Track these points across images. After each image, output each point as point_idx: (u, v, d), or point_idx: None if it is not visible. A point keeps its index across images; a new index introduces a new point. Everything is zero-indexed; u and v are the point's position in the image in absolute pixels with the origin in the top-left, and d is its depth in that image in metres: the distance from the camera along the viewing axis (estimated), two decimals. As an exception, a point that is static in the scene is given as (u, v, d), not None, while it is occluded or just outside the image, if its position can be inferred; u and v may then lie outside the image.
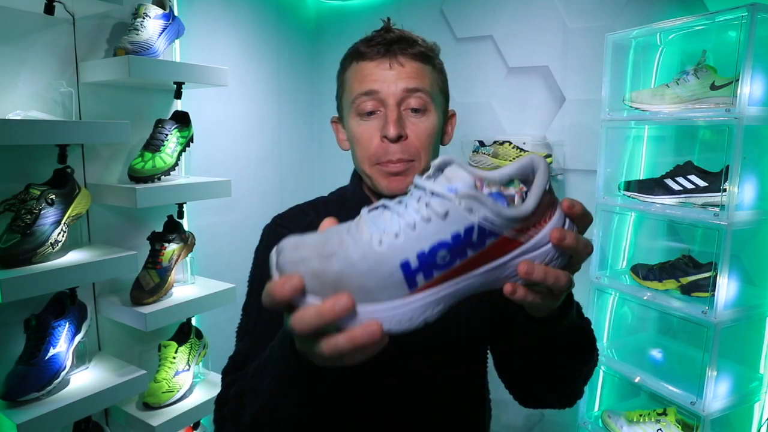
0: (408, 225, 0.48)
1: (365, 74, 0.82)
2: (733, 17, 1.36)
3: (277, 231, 0.90)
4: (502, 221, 0.48)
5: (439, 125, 0.86)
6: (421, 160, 0.83)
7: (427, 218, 0.48)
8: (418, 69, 0.83)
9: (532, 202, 0.49)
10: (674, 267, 1.59)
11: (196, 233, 1.77)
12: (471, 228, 0.48)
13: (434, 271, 0.48)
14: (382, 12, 2.30)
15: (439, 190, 0.48)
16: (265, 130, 2.22)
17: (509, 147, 1.95)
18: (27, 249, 1.25)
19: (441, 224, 0.47)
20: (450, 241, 0.47)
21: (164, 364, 1.62)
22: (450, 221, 0.47)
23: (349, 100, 0.84)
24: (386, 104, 0.81)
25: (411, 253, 0.47)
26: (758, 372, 1.58)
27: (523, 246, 0.50)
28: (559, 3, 1.91)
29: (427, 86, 0.83)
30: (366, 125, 0.83)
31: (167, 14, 1.57)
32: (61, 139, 1.31)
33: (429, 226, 0.47)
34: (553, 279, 0.50)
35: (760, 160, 1.50)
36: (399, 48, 0.82)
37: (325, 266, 0.47)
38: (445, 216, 0.47)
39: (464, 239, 0.48)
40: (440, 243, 0.47)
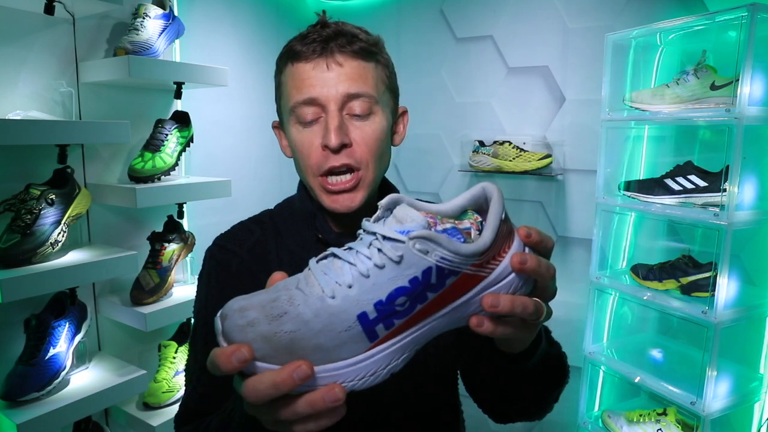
0: (361, 274, 0.45)
1: (302, 78, 0.75)
2: (733, 17, 1.36)
3: (220, 253, 0.84)
4: (461, 259, 0.45)
5: (388, 127, 0.79)
6: (368, 169, 0.76)
7: (381, 265, 0.44)
8: (358, 69, 0.75)
9: (489, 235, 0.46)
10: (674, 267, 1.59)
11: (196, 233, 1.77)
12: (429, 270, 0.44)
13: (395, 320, 0.45)
14: (382, 12, 2.31)
15: (391, 234, 0.45)
16: (265, 130, 2.21)
17: (509, 147, 1.95)
18: (27, 249, 1.25)
19: (396, 270, 0.44)
20: (408, 286, 0.44)
21: (164, 364, 1.62)
22: (405, 266, 0.44)
23: (287, 107, 0.77)
24: (326, 110, 0.74)
25: (368, 303, 0.44)
26: (758, 372, 1.58)
27: (485, 280, 0.47)
28: (559, 3, 1.91)
29: (370, 89, 0.75)
30: (307, 133, 0.76)
31: (167, 14, 1.57)
32: (61, 139, 1.31)
33: (384, 272, 0.44)
34: (521, 307, 0.47)
35: (760, 160, 1.50)
36: (336, 45, 0.74)
37: (275, 329, 0.43)
38: (399, 261, 0.44)
39: (423, 282, 0.45)
40: (398, 289, 0.44)
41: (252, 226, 0.87)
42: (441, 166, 2.22)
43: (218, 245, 0.85)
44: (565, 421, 1.92)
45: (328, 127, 0.73)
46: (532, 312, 0.48)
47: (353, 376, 0.45)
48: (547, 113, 1.98)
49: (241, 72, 2.07)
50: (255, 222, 0.88)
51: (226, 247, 0.84)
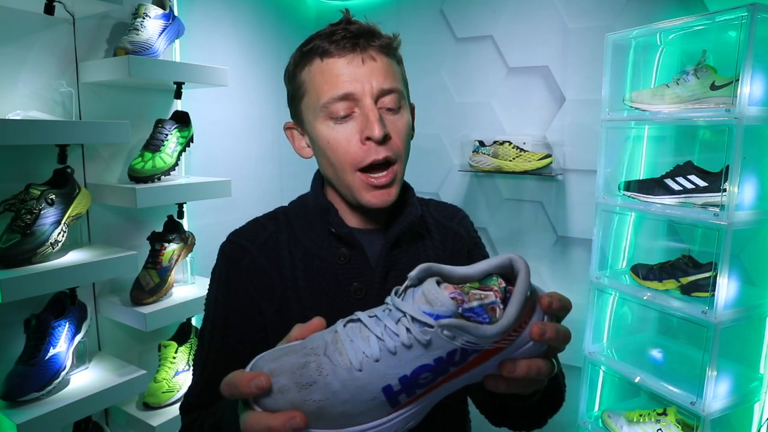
0: (388, 350, 0.47)
1: (336, 74, 0.74)
2: (733, 17, 1.36)
3: (231, 249, 0.85)
4: (484, 340, 0.47)
5: (411, 122, 0.83)
6: (401, 161, 0.79)
7: (408, 345, 0.47)
8: (388, 65, 0.77)
9: (513, 313, 0.48)
10: (674, 267, 1.59)
11: (196, 233, 1.77)
12: (454, 351, 0.47)
13: (416, 390, 0.48)
14: (382, 12, 2.31)
15: (421, 318, 0.47)
16: (265, 130, 2.22)
17: (509, 147, 1.95)
18: (27, 249, 1.25)
19: (423, 351, 0.47)
20: (432, 364, 0.47)
21: (164, 364, 1.62)
22: (433, 348, 0.47)
23: (317, 104, 0.76)
24: (362, 104, 0.75)
25: (393, 378, 0.47)
26: (758, 372, 1.58)
27: (504, 350, 0.50)
28: (559, 3, 1.91)
29: (399, 84, 0.78)
30: (341, 128, 0.76)
31: (167, 14, 1.57)
32: (61, 139, 1.31)
33: (410, 352, 0.47)
34: (536, 371, 0.50)
35: (760, 160, 1.50)
36: (366, 41, 0.75)
37: (304, 397, 0.46)
38: (427, 344, 0.47)
39: (447, 361, 0.47)
40: (422, 366, 0.47)
41: (266, 222, 0.88)
42: (441, 166, 2.22)
43: (230, 241, 0.86)
44: (565, 421, 1.92)
45: (370, 119, 0.74)
46: (544, 373, 0.51)
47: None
48: (547, 113, 1.98)
49: (241, 72, 2.07)
50: (269, 218, 0.89)
51: (239, 243, 0.84)
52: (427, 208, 0.93)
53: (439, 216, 0.93)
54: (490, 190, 2.15)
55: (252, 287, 0.81)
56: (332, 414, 0.47)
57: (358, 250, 0.80)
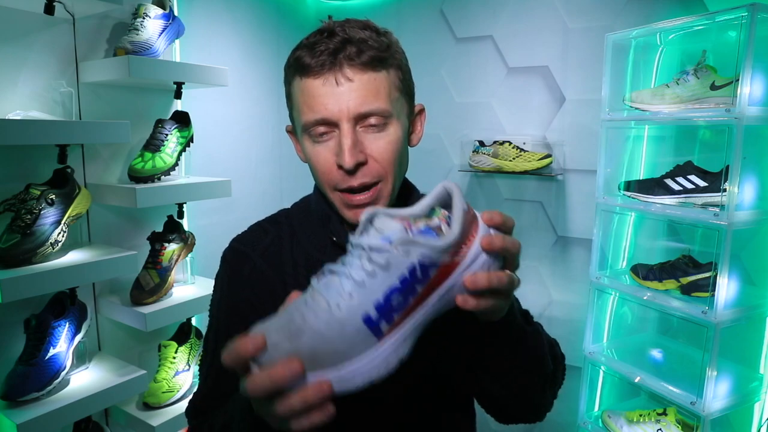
0: (357, 284, 0.52)
1: (313, 96, 0.72)
2: (733, 17, 1.36)
3: (233, 256, 0.84)
4: (437, 253, 0.53)
5: (404, 133, 0.77)
6: (387, 181, 0.75)
7: (371, 273, 0.52)
8: (369, 82, 0.71)
9: (457, 226, 0.54)
10: (674, 267, 1.59)
11: (196, 233, 1.77)
12: (413, 268, 0.52)
13: (394, 315, 0.52)
14: (382, 12, 2.31)
15: (376, 244, 0.52)
16: (265, 130, 2.22)
17: (509, 147, 1.95)
18: (27, 249, 1.25)
19: (386, 274, 0.52)
20: (399, 285, 0.52)
21: (164, 364, 1.62)
22: (393, 269, 0.52)
23: (299, 122, 0.75)
24: (340, 127, 0.71)
25: (369, 306, 0.51)
26: (758, 372, 1.58)
27: (461, 265, 0.54)
28: (559, 3, 1.91)
29: (382, 102, 0.72)
30: (320, 148, 0.74)
31: (167, 14, 1.57)
32: (61, 139, 1.31)
33: (376, 279, 0.52)
34: (497, 281, 0.54)
35: (760, 160, 1.50)
36: (345, 57, 0.70)
37: (297, 345, 0.50)
38: (387, 266, 0.52)
39: (410, 279, 0.52)
40: (391, 289, 0.52)
41: (267, 226, 0.87)
42: (441, 166, 2.22)
43: (232, 248, 0.85)
44: (565, 421, 1.92)
45: (342, 147, 0.71)
46: (506, 283, 0.55)
47: (370, 371, 0.52)
48: (547, 113, 1.98)
49: (241, 72, 2.07)
50: (271, 222, 0.88)
51: (240, 250, 0.84)
52: None
53: None
54: (490, 190, 2.15)
55: (253, 294, 0.80)
56: (325, 354, 0.50)
57: None
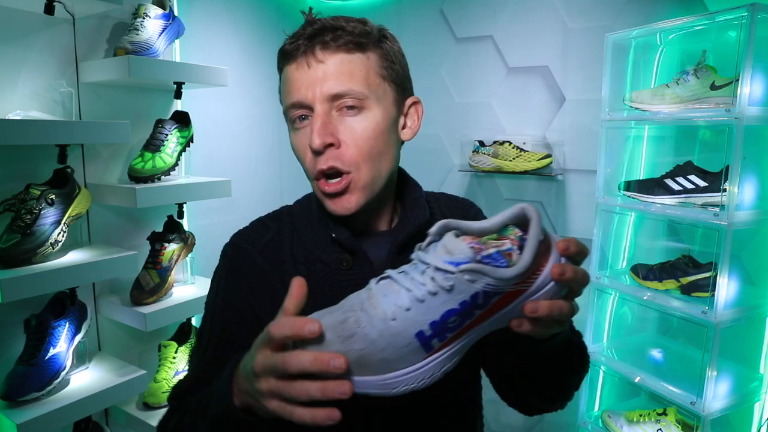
0: (417, 299, 0.52)
1: (290, 81, 0.73)
2: (733, 17, 1.36)
3: (233, 252, 0.84)
4: (503, 282, 0.51)
5: (387, 122, 0.75)
6: (359, 170, 0.73)
7: (434, 292, 0.51)
8: (342, 64, 0.71)
9: (529, 257, 0.52)
10: (674, 267, 1.59)
11: (196, 233, 1.77)
12: (476, 294, 0.51)
13: (447, 334, 0.53)
14: (382, 12, 2.31)
15: (443, 266, 0.52)
16: (265, 130, 2.22)
17: (509, 147, 1.95)
18: (27, 249, 1.25)
19: (448, 296, 0.51)
20: (458, 308, 0.52)
21: (164, 364, 1.62)
22: (456, 292, 0.51)
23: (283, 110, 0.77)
24: (314, 110, 0.71)
25: (424, 323, 0.52)
26: (758, 372, 1.58)
27: (525, 293, 0.53)
28: (559, 3, 1.91)
29: (357, 84, 0.71)
30: (298, 135, 0.75)
31: (167, 14, 1.57)
32: (61, 139, 1.31)
33: (436, 298, 0.51)
34: (558, 311, 0.53)
35: (760, 160, 1.50)
36: (319, 42, 0.71)
37: (347, 347, 0.51)
38: (450, 289, 0.51)
39: (471, 304, 0.52)
40: (449, 311, 0.51)
41: (269, 223, 0.86)
42: (441, 166, 2.22)
43: (232, 243, 0.85)
44: (565, 421, 1.92)
45: (313, 129, 0.71)
46: (566, 313, 0.54)
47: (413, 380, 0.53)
48: (547, 113, 1.98)
49: (241, 72, 2.07)
50: (273, 218, 0.88)
51: (239, 246, 0.84)
52: (438, 204, 0.90)
53: (450, 213, 0.90)
54: (490, 190, 2.15)
55: (250, 292, 0.80)
56: (372, 361, 0.51)
57: (361, 256, 0.78)
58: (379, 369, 0.52)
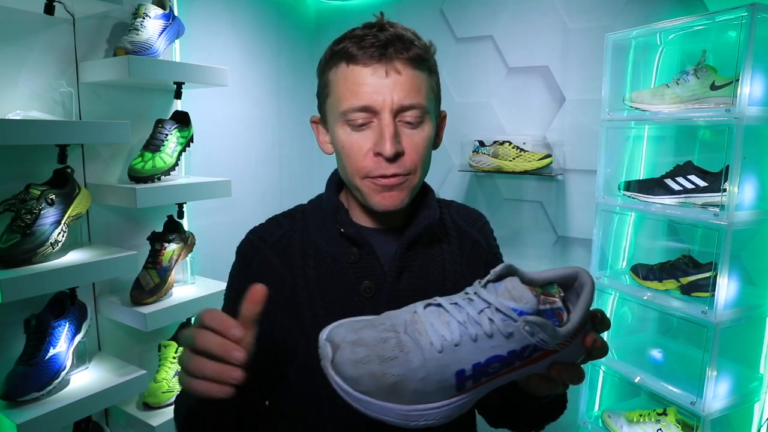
0: (470, 337, 0.51)
1: (358, 83, 0.74)
2: (733, 17, 1.36)
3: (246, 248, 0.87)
4: (552, 340, 0.52)
5: (433, 133, 0.81)
6: (416, 174, 0.78)
7: (490, 334, 0.50)
8: (414, 79, 0.75)
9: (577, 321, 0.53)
10: (674, 267, 1.59)
11: (196, 233, 1.77)
12: (528, 346, 0.51)
13: (483, 378, 0.52)
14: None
15: (506, 311, 0.51)
16: (265, 130, 2.22)
17: (509, 147, 1.95)
18: (27, 249, 1.25)
19: (503, 342, 0.51)
20: (506, 356, 0.51)
21: (164, 364, 1.62)
22: (511, 341, 0.51)
23: (337, 108, 0.77)
24: (380, 117, 0.74)
25: (468, 363, 0.51)
26: (758, 372, 1.58)
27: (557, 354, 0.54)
28: (559, 3, 1.91)
29: (422, 99, 0.76)
30: (356, 136, 0.76)
31: (167, 14, 1.57)
32: (61, 139, 1.31)
33: (490, 341, 0.51)
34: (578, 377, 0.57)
35: (760, 160, 1.50)
36: (395, 51, 0.73)
37: (385, 370, 0.50)
38: (508, 336, 0.50)
39: (518, 354, 0.52)
40: (496, 357, 0.51)
41: (282, 220, 0.89)
42: (441, 166, 2.22)
43: (247, 240, 0.89)
44: (565, 421, 1.91)
45: (384, 136, 0.73)
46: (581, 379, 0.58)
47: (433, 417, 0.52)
48: (547, 113, 1.98)
49: (241, 72, 2.07)
50: (286, 216, 0.91)
51: (252, 242, 0.87)
52: (448, 210, 0.93)
53: (459, 220, 0.92)
54: (490, 190, 2.15)
55: None
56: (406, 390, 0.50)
57: (368, 250, 0.81)
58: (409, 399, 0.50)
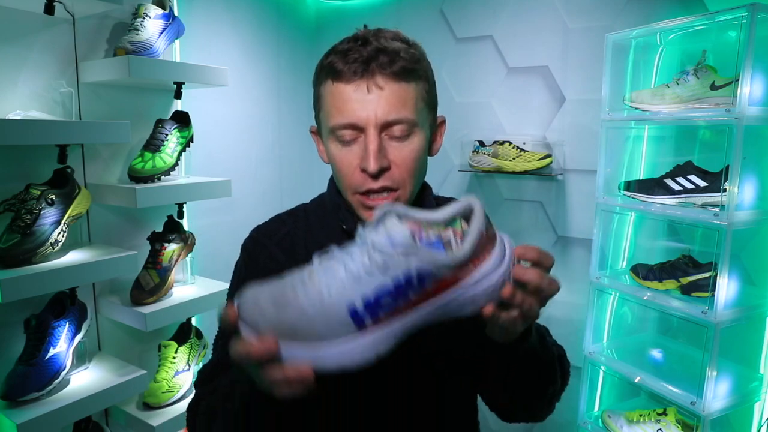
0: (353, 275, 0.53)
1: (343, 100, 0.74)
2: (733, 17, 1.36)
3: (252, 245, 0.88)
4: (438, 268, 0.53)
5: (425, 143, 0.80)
6: (405, 188, 0.78)
7: (368, 269, 0.53)
8: (399, 92, 0.74)
9: (468, 247, 0.54)
10: (674, 267, 1.59)
11: (196, 233, 1.77)
12: (409, 276, 0.53)
13: (380, 312, 0.54)
14: (382, 12, 2.31)
15: (380, 245, 0.54)
16: (265, 130, 2.22)
17: (509, 147, 1.95)
18: (27, 249, 1.25)
19: (382, 274, 0.53)
20: (392, 288, 0.53)
21: (164, 364, 1.62)
22: (390, 271, 0.53)
23: (327, 124, 0.78)
24: (366, 132, 0.74)
25: (357, 299, 0.53)
26: (758, 372, 1.58)
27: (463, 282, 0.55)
28: (559, 3, 1.91)
29: (409, 113, 0.75)
30: (345, 152, 0.77)
31: (167, 14, 1.57)
32: (61, 139, 1.31)
33: (371, 276, 0.53)
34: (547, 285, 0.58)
35: (760, 160, 1.50)
36: (378, 66, 0.73)
37: (281, 316, 0.53)
38: (384, 267, 0.53)
39: (404, 285, 0.53)
40: (383, 290, 0.53)
41: (286, 218, 0.91)
42: (441, 166, 2.22)
43: (252, 237, 0.90)
44: (565, 421, 1.92)
45: (368, 152, 0.74)
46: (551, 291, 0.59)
47: (342, 356, 0.54)
48: (547, 113, 1.98)
49: (241, 72, 2.07)
50: (290, 214, 0.93)
51: (258, 240, 0.89)
52: None
53: None
54: (490, 190, 2.15)
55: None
56: (304, 332, 0.53)
57: None
58: (310, 341, 0.53)
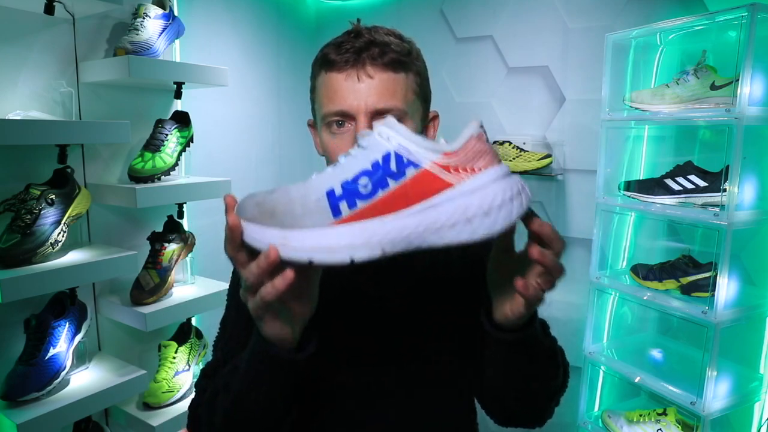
0: (338, 163, 0.54)
1: (334, 89, 0.77)
2: (733, 17, 1.36)
3: None
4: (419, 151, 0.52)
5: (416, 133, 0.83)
6: None
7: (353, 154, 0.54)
8: (389, 82, 0.77)
9: (456, 143, 0.53)
10: (674, 267, 1.59)
11: (196, 233, 1.77)
12: (388, 155, 0.52)
13: (357, 200, 0.52)
14: (382, 12, 2.31)
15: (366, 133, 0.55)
16: (265, 130, 2.22)
17: (509, 147, 1.95)
18: (27, 249, 1.25)
19: (362, 154, 0.53)
20: (370, 168, 0.52)
21: (164, 364, 1.62)
22: (369, 151, 0.52)
23: (320, 113, 0.81)
24: (357, 120, 0.77)
25: (336, 182, 0.52)
26: (758, 372, 1.58)
27: (453, 188, 0.52)
28: (559, 3, 1.91)
29: (399, 102, 0.77)
30: (337, 140, 0.79)
31: (167, 14, 1.57)
32: (61, 139, 1.31)
33: (352, 158, 0.53)
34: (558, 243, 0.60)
35: (760, 160, 1.50)
36: (369, 56, 0.76)
37: (266, 198, 0.53)
38: (365, 147, 0.53)
39: (383, 166, 0.52)
40: (362, 171, 0.52)
41: None
42: (441, 166, 2.22)
43: None
44: (565, 421, 1.92)
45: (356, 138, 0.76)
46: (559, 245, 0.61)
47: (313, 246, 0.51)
48: (547, 113, 1.98)
49: (241, 72, 2.07)
50: None
51: None
52: None
53: None
54: (490, 190, 2.15)
55: None
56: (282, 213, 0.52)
57: None
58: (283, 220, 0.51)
